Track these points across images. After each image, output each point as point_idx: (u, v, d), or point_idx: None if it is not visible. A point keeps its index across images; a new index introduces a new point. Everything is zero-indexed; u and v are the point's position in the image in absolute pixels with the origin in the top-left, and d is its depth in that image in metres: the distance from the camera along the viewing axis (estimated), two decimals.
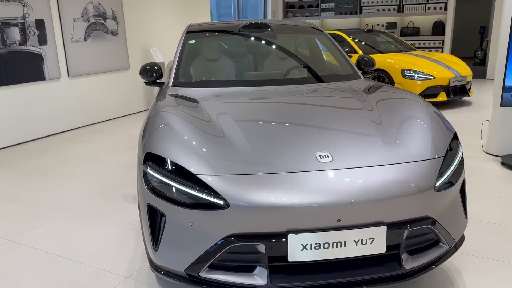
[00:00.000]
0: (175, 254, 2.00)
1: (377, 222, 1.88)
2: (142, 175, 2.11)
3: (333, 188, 1.87)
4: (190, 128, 2.24)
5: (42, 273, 2.64)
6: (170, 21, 8.48)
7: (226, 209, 1.83)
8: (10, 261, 2.81)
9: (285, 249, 1.86)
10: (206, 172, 1.93)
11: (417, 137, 2.17)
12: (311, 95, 2.89)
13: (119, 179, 4.28)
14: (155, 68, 3.29)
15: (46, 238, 3.10)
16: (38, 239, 3.09)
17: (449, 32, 11.26)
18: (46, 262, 2.77)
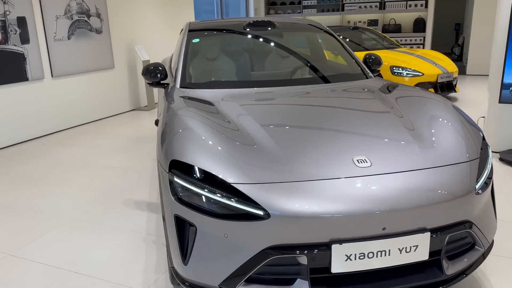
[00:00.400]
0: (208, 268, 1.88)
1: (421, 228, 1.82)
2: (168, 184, 1.98)
3: (378, 194, 1.79)
4: (215, 133, 2.11)
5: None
6: (154, 18, 8.26)
7: (267, 220, 1.73)
8: (13, 277, 2.63)
9: (328, 260, 1.77)
10: (241, 180, 1.82)
11: (452, 139, 2.13)
12: (332, 96, 2.80)
13: (116, 184, 4.10)
14: (159, 68, 3.13)
15: (49, 250, 2.92)
16: (40, 251, 2.90)
17: (430, 28, 11.43)
18: (53, 277, 2.60)
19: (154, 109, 7.77)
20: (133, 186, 4.03)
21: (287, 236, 1.75)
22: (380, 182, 1.83)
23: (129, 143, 5.60)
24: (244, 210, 1.77)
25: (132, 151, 5.17)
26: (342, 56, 3.44)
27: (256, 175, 1.84)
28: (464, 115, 2.41)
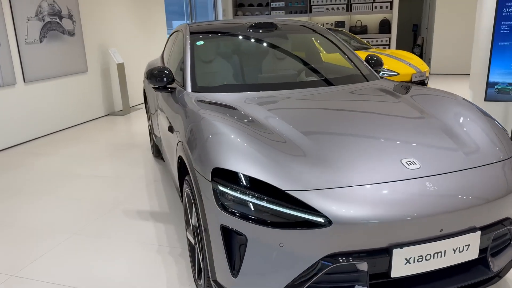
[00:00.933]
0: (261, 280, 1.81)
1: (472, 227, 1.84)
2: (210, 194, 1.89)
3: (435, 195, 1.79)
4: (253, 139, 2.03)
5: None
6: (127, 20, 7.98)
7: (328, 227, 1.68)
8: None
9: (387, 265, 1.75)
10: (296, 187, 1.76)
11: (486, 138, 2.17)
12: (358, 99, 2.78)
13: (110, 195, 3.90)
14: (165, 72, 3.00)
15: (57, 268, 2.72)
16: (47, 270, 2.70)
17: (395, 29, 11.79)
18: None
19: (130, 113, 7.51)
20: (129, 195, 3.85)
21: (348, 242, 1.71)
22: (434, 183, 1.83)
23: (111, 150, 5.36)
24: (303, 218, 1.71)
25: (118, 159, 4.96)
26: (349, 57, 3.44)
27: (309, 182, 1.79)
28: (487, 114, 2.47)
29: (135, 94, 8.13)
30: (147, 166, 4.65)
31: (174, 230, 3.16)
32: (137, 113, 7.58)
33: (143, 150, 5.25)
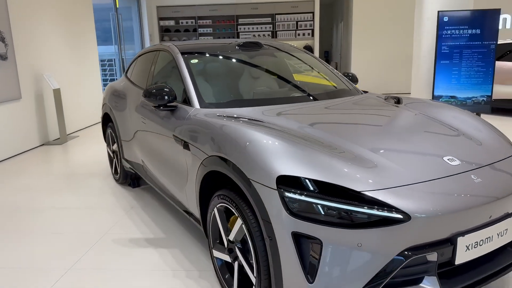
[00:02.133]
0: (339, 282, 1.83)
1: (508, 213, 2.07)
2: (277, 202, 1.88)
3: (482, 186, 1.99)
4: (306, 145, 2.09)
5: None
6: (61, 45, 7.51)
7: (407, 222, 1.78)
8: None
9: (451, 253, 1.89)
10: (365, 188, 1.85)
11: (495, 135, 2.49)
12: (371, 109, 3.00)
13: (88, 225, 3.60)
14: (166, 90, 2.93)
15: None
16: None
17: (317, 55, 12.61)
18: None
19: (67, 142, 6.98)
20: (112, 224, 3.59)
21: (422, 235, 1.82)
22: (477, 175, 2.04)
23: (65, 181, 4.95)
24: (381, 216, 1.79)
25: (78, 189, 4.58)
26: (335, 75, 3.67)
27: (376, 182, 1.88)
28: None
29: (71, 122, 7.61)
30: (116, 194, 4.37)
31: (181, 253, 3.02)
32: (75, 141, 7.08)
33: (103, 178, 4.92)
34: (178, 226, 3.48)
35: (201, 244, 3.14)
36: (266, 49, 3.62)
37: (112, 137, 4.59)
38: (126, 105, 4.03)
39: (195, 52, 3.43)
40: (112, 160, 4.75)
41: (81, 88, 8.15)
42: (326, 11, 15.97)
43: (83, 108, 8.15)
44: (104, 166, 5.34)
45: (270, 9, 12.34)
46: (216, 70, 3.43)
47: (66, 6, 7.69)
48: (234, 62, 3.52)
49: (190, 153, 2.66)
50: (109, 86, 4.76)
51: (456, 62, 4.87)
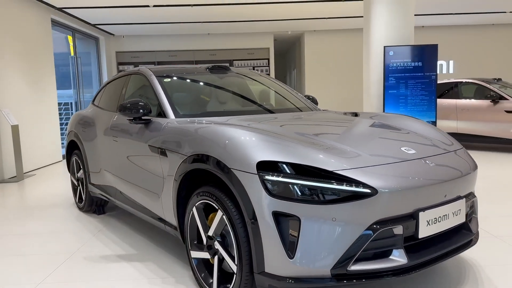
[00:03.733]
0: (317, 256, 1.98)
1: (459, 196, 2.34)
2: (258, 185, 2.04)
3: (436, 169, 2.27)
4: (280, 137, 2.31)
5: None
6: (20, 82, 7.45)
7: (374, 196, 1.98)
8: None
9: (414, 227, 2.11)
10: (337, 168, 2.05)
11: (441, 135, 2.82)
12: (332, 118, 3.27)
13: (55, 247, 3.52)
14: (141, 103, 3.08)
15: None
16: None
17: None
18: None
19: (23, 180, 6.76)
20: (81, 245, 3.53)
21: (388, 210, 2.04)
22: (431, 161, 2.32)
23: (25, 212, 4.80)
24: (352, 191, 1.98)
25: (40, 218, 4.45)
26: (294, 95, 3.97)
27: (346, 163, 2.10)
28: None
29: (29, 160, 7.40)
30: (81, 220, 4.30)
31: (155, 265, 3.03)
32: (33, 179, 6.87)
33: (66, 208, 4.81)
34: (149, 244, 3.48)
35: (175, 256, 3.17)
36: (233, 72, 3.88)
37: (77, 164, 4.57)
38: (95, 129, 4.09)
39: (167, 74, 3.62)
40: (76, 189, 4.69)
41: (39, 127, 8.02)
42: (280, 60, 16.87)
43: (40, 147, 7.97)
44: (65, 198, 5.23)
45: (228, 55, 12.87)
46: (188, 88, 3.63)
47: (26, 47, 7.72)
48: (205, 81, 3.74)
49: (167, 159, 2.78)
50: (75, 114, 4.80)
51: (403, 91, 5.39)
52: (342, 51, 12.42)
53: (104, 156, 3.88)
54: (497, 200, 4.48)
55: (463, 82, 8.63)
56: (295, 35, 13.29)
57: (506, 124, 7.73)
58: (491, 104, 7.91)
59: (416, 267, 2.10)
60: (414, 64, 5.49)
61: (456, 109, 8.36)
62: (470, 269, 2.79)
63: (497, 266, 2.81)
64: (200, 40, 12.51)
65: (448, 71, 12.62)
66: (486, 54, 12.51)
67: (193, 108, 3.33)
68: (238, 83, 3.92)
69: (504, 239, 3.31)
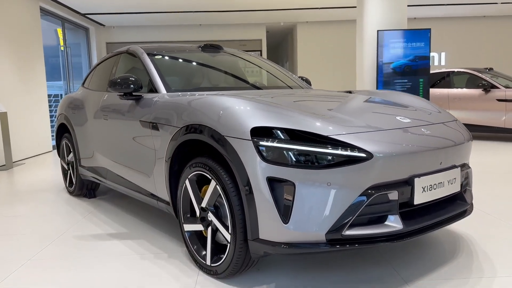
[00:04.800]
0: (311, 221, 1.95)
1: (454, 165, 2.32)
2: (254, 151, 2.01)
3: (431, 136, 2.25)
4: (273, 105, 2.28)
5: None
6: (8, 71, 7.33)
7: (370, 160, 1.95)
8: None
9: (410, 193, 2.09)
10: (332, 133, 2.02)
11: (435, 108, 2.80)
12: (327, 94, 3.23)
13: (46, 227, 3.45)
14: (131, 79, 3.01)
15: (36, 284, 2.33)
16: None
17: None
18: None
19: (13, 168, 6.66)
20: (71, 225, 3.46)
21: (383, 175, 2.01)
22: (427, 129, 2.30)
23: (14, 196, 4.72)
24: (347, 156, 1.96)
25: (30, 202, 4.37)
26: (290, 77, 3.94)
27: (342, 129, 2.07)
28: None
29: (18, 150, 7.29)
30: (71, 203, 4.23)
31: (148, 242, 2.99)
32: (22, 167, 6.76)
33: (56, 192, 4.74)
34: (140, 223, 3.44)
35: (168, 234, 3.13)
36: (225, 51, 3.83)
37: (67, 148, 4.50)
38: (85, 111, 4.02)
39: (159, 51, 3.56)
40: (67, 173, 4.62)
41: (28, 117, 7.90)
42: (272, 53, 16.81)
43: (30, 137, 7.86)
44: (55, 184, 5.15)
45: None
46: (180, 65, 3.58)
47: (15, 36, 7.59)
48: (197, 59, 3.69)
49: (159, 132, 2.73)
50: (65, 97, 4.72)
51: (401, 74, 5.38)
52: (335, 43, 12.41)
53: (95, 137, 3.82)
54: (489, 183, 4.50)
55: (455, 72, 8.67)
56: (287, 27, 13.25)
57: (498, 113, 7.77)
58: (483, 93, 7.95)
59: (411, 233, 2.08)
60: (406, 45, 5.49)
61: (448, 99, 8.39)
62: (464, 242, 2.78)
63: (491, 239, 2.81)
64: (191, 31, 12.42)
65: (440, 63, 12.68)
66: (478, 46, 12.58)
67: (184, 84, 3.29)
68: (230, 62, 3.88)
69: (496, 216, 3.32)
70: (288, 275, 2.35)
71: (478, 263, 2.46)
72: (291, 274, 2.36)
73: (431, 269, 2.39)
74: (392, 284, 2.22)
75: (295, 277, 2.32)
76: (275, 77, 3.86)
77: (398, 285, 2.21)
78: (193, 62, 3.68)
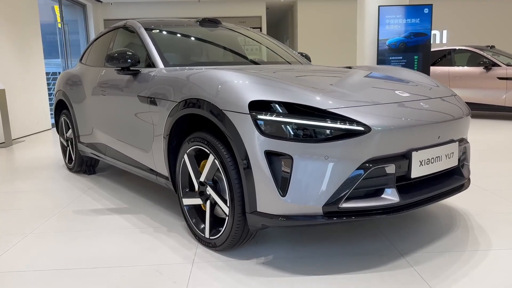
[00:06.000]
0: (309, 194, 1.96)
1: (453, 139, 2.33)
2: (252, 125, 2.00)
3: (430, 110, 2.24)
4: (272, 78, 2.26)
5: None
6: (5, 47, 7.25)
7: (368, 134, 1.95)
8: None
9: (407, 167, 2.09)
10: (330, 107, 2.02)
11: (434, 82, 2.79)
12: (326, 70, 3.19)
13: (46, 203, 3.48)
14: (128, 53, 2.98)
15: (35, 258, 2.37)
16: (24, 261, 2.33)
17: None
18: (72, 279, 2.15)
19: (12, 146, 6.67)
20: (71, 201, 3.49)
21: (381, 148, 2.01)
22: (425, 103, 2.29)
23: (13, 173, 4.74)
24: (345, 129, 1.95)
25: (30, 179, 4.39)
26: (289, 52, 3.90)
27: (340, 103, 2.06)
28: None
29: (17, 127, 7.28)
30: (71, 180, 4.25)
31: (147, 216, 3.02)
32: (22, 145, 6.77)
33: (55, 169, 4.76)
34: (140, 199, 3.46)
35: (167, 209, 3.15)
36: (223, 26, 3.79)
37: (66, 124, 4.49)
38: (83, 87, 4.00)
39: (156, 25, 3.51)
40: (66, 150, 4.63)
41: (27, 95, 7.86)
42: (272, 31, 16.60)
43: (29, 115, 7.84)
44: (55, 161, 5.17)
45: None
46: (178, 40, 3.54)
47: (12, 13, 7.48)
48: (195, 34, 3.65)
49: (157, 107, 2.72)
50: (63, 73, 4.68)
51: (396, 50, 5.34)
52: (336, 20, 12.26)
53: (93, 113, 3.81)
54: (488, 161, 4.52)
55: (456, 50, 8.59)
56: (287, 3, 13.06)
57: (499, 91, 7.73)
58: (484, 71, 7.89)
59: (408, 206, 2.10)
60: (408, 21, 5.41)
61: (449, 77, 8.34)
62: (460, 217, 2.81)
63: (487, 214, 2.84)
64: (190, 7, 12.26)
65: (442, 41, 12.55)
66: (480, 24, 12.44)
67: (182, 59, 3.26)
68: (228, 37, 3.84)
69: (494, 192, 3.34)
70: (286, 248, 2.38)
71: (473, 237, 2.49)
72: (288, 246, 2.39)
73: (427, 242, 2.42)
74: (389, 257, 2.25)
75: (292, 250, 2.35)
76: (274, 53, 3.82)
77: (394, 258, 2.24)
78: (191, 37, 3.64)
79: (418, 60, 5.68)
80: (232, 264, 2.22)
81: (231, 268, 2.18)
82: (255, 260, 2.25)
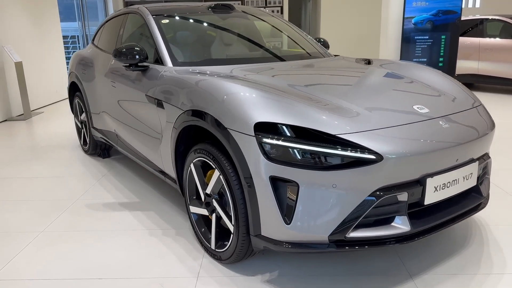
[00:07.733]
0: (315, 222, 1.89)
1: (472, 159, 2.19)
2: (257, 148, 1.91)
3: (450, 131, 2.09)
4: (281, 95, 2.12)
5: None
6: (22, 17, 7.17)
7: (379, 163, 1.84)
8: None
9: (420, 194, 1.98)
10: (339, 132, 1.90)
11: (459, 89, 2.59)
12: (343, 68, 3.06)
13: (59, 193, 3.53)
14: (136, 48, 2.88)
15: (45, 264, 2.41)
16: (28, 268, 2.37)
17: None
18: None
19: (31, 118, 6.74)
20: (84, 191, 3.52)
21: (393, 176, 1.90)
22: (445, 122, 2.13)
23: (31, 153, 4.81)
24: (355, 157, 1.84)
25: (45, 160, 4.45)
26: (306, 39, 3.70)
27: (350, 126, 1.94)
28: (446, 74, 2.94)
29: (36, 98, 7.34)
30: (86, 164, 4.28)
31: (157, 215, 3.02)
32: (40, 117, 6.85)
33: (71, 150, 4.80)
34: (152, 192, 3.46)
35: (177, 206, 3.15)
36: (238, 11, 3.60)
37: (80, 107, 4.47)
38: (94, 72, 3.93)
39: (166, 13, 3.36)
40: (81, 131, 4.64)
41: (44, 64, 7.85)
42: None
43: (47, 84, 7.86)
44: (72, 139, 5.21)
45: None
46: (188, 31, 3.39)
47: None
48: (206, 23, 3.49)
49: (164, 111, 2.64)
50: (75, 54, 4.61)
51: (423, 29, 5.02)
52: None
53: (104, 102, 3.76)
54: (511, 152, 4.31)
55: (488, 19, 8.06)
56: None
57: None
58: None
59: (420, 234, 2.01)
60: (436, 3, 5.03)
61: (479, 49, 7.88)
62: (477, 228, 2.71)
63: (505, 226, 2.72)
64: None
65: (474, 6, 11.80)
66: None
67: (192, 55, 3.12)
68: (243, 25, 3.65)
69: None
70: (292, 263, 2.35)
71: (487, 256, 2.39)
72: (294, 262, 2.36)
73: (438, 260, 2.34)
74: (397, 278, 2.19)
75: (298, 266, 2.32)
76: (293, 42, 3.63)
77: (403, 279, 2.18)
78: (203, 28, 3.46)
79: (445, 40, 5.34)
80: (237, 280, 2.21)
81: (235, 285, 2.17)
82: (260, 276, 2.23)
